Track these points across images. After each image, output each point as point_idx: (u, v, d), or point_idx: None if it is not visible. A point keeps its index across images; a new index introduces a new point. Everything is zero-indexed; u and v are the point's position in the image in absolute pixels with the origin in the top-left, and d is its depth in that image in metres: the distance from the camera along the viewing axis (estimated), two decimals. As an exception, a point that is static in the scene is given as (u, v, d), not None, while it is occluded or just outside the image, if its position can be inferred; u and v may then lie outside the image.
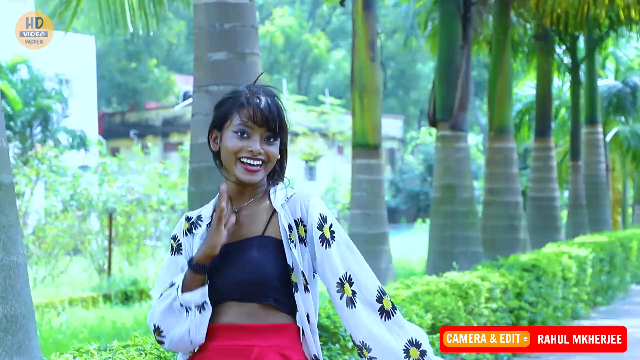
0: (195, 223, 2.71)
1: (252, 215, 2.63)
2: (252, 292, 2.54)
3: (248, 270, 2.55)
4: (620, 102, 24.60)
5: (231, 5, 6.91)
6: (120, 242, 15.43)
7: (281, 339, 2.55)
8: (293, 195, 2.63)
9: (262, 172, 2.61)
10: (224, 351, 2.54)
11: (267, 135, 2.61)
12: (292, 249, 2.56)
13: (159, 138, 41.23)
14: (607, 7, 14.91)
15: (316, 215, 2.58)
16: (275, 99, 2.66)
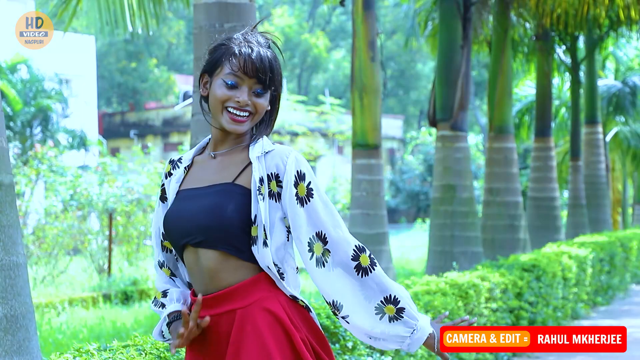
0: (175, 164, 2.71)
1: (228, 163, 2.62)
2: (212, 237, 2.51)
3: (209, 214, 2.52)
4: (620, 102, 24.60)
5: (231, 5, 6.91)
6: (120, 242, 15.42)
7: (257, 293, 2.51)
8: (273, 150, 2.59)
9: (248, 123, 2.59)
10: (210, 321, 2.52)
11: (257, 87, 2.59)
12: (259, 201, 2.51)
13: (159, 138, 41.23)
14: (607, 7, 14.91)
15: (293, 172, 2.55)
16: (268, 50, 2.63)
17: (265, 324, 2.49)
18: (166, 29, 46.42)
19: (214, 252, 2.52)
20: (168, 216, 2.62)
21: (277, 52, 2.69)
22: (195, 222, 2.53)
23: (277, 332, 2.49)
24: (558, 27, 16.50)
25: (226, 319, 2.52)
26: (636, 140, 27.15)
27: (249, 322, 2.50)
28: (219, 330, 2.53)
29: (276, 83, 2.63)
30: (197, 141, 6.94)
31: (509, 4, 13.77)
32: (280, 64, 2.65)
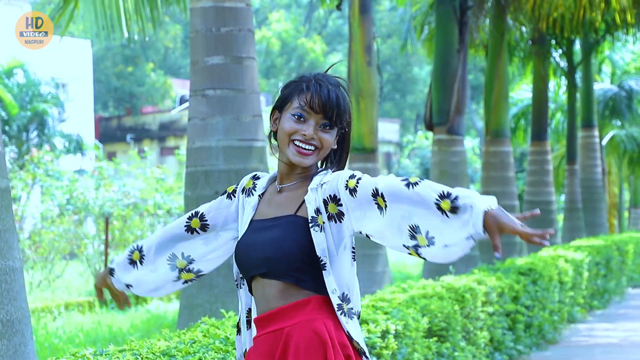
0: (250, 191, 2.83)
1: (291, 196, 2.73)
2: (274, 268, 2.64)
3: (271, 247, 2.65)
4: (617, 106, 24.64)
5: (228, 9, 6.91)
6: (116, 246, 15.40)
7: (306, 314, 2.63)
8: (330, 179, 2.68)
9: (313, 157, 2.69)
10: (261, 341, 2.68)
11: (323, 122, 2.68)
12: (317, 232, 2.62)
13: (156, 142, 41.20)
14: (603, 11, 14.92)
15: (343, 181, 2.65)
16: (338, 89, 2.72)
17: (308, 343, 2.60)
18: (163, 33, 46.42)
19: (277, 282, 2.66)
20: (239, 247, 2.76)
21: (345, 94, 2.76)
22: (260, 255, 2.68)
23: (317, 353, 2.59)
24: (554, 31, 16.52)
25: (274, 336, 2.65)
26: (632, 144, 27.18)
27: (293, 340, 2.61)
28: (267, 347, 2.66)
29: (344, 122, 2.72)
30: (193, 145, 6.95)
31: (505, 7, 13.79)
32: (349, 105, 2.73)
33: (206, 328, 3.96)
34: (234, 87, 6.90)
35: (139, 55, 45.75)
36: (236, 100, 6.88)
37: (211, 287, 6.72)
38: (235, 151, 6.84)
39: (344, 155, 2.78)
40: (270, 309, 2.66)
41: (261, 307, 2.70)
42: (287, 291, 2.65)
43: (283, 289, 2.65)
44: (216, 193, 6.79)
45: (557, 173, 24.83)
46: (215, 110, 6.86)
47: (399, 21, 21.46)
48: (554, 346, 9.52)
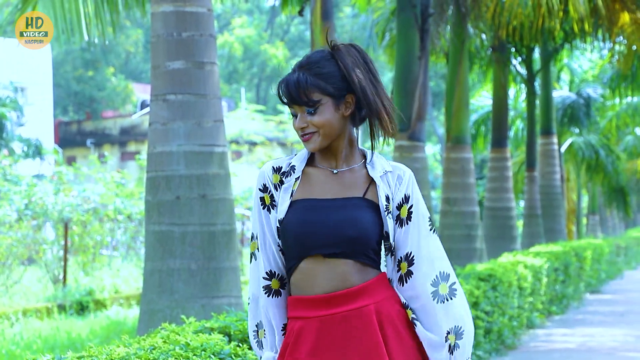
0: (287, 172, 2.76)
1: (352, 178, 2.73)
2: (352, 248, 2.64)
3: (352, 227, 2.65)
4: (575, 113, 24.95)
5: (189, 14, 6.89)
6: (76, 251, 15.25)
7: (384, 291, 2.69)
8: (390, 171, 2.74)
9: (316, 139, 2.69)
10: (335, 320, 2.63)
11: (306, 108, 2.68)
12: (388, 218, 2.69)
13: (116, 147, 40.91)
14: (562, 20, 15.13)
15: (401, 195, 2.72)
16: (302, 70, 2.68)
17: (401, 317, 2.67)
18: (124, 38, 46.12)
19: (351, 262, 2.65)
20: (291, 226, 2.67)
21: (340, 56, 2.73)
22: (338, 233, 2.64)
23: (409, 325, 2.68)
24: (514, 39, 16.70)
25: (358, 314, 2.63)
26: (590, 151, 27.53)
27: (385, 315, 2.65)
28: (351, 325, 2.63)
29: (329, 91, 2.67)
30: (154, 150, 6.91)
31: (466, 15, 13.90)
32: (334, 70, 2.69)
33: (166, 334, 3.93)
34: (196, 92, 6.88)
35: (99, 60, 45.40)
36: (197, 106, 6.86)
37: (172, 293, 6.69)
38: (197, 156, 6.82)
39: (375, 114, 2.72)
40: (347, 287, 2.63)
41: (326, 286, 2.64)
42: (362, 271, 2.66)
43: (359, 269, 2.65)
44: (177, 198, 6.76)
45: (516, 179, 25.06)
46: (177, 115, 6.83)
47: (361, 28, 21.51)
48: (513, 352, 9.60)
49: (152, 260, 6.82)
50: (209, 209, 6.79)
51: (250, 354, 3.92)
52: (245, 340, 4.24)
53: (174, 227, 6.74)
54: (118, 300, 13.56)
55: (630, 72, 19.57)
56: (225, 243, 6.85)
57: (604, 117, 29.13)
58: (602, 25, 15.21)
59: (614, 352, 9.50)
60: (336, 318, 2.63)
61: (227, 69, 50.46)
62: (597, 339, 10.48)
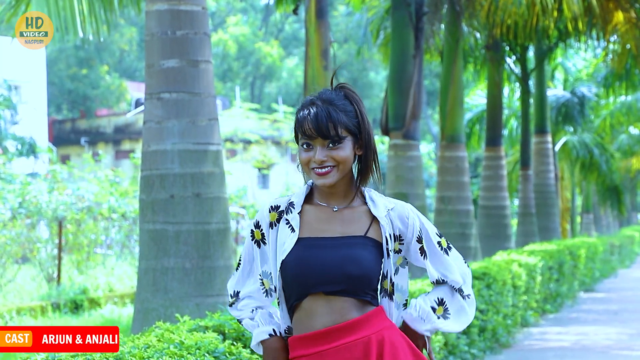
0: (287, 209, 2.80)
1: (353, 216, 2.77)
2: (354, 286, 2.69)
3: (354, 265, 2.69)
4: (569, 112, 24.97)
5: (183, 12, 6.88)
6: (70, 250, 15.23)
7: (382, 322, 2.74)
8: (393, 208, 2.79)
9: (333, 174, 2.73)
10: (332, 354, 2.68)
11: (327, 142, 2.72)
12: (388, 257, 2.75)
13: (110, 145, 40.85)
14: (556, 19, 15.14)
15: (416, 231, 2.81)
16: (329, 105, 2.74)
17: (403, 344, 2.74)
18: (118, 36, 46.05)
19: (351, 299, 2.71)
20: (293, 264, 2.72)
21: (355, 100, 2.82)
22: (338, 272, 2.69)
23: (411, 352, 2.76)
24: (508, 37, 16.71)
25: (360, 344, 2.67)
26: (584, 150, 27.57)
27: (387, 343, 2.70)
28: (352, 355, 2.68)
29: (350, 130, 2.74)
30: (148, 149, 6.90)
31: (460, 14, 13.90)
32: (355, 110, 2.77)
33: (160, 333, 3.93)
34: (190, 91, 6.87)
35: (93, 58, 45.33)
36: (192, 104, 6.85)
37: (166, 292, 6.68)
38: (191, 155, 6.81)
39: (369, 160, 2.79)
40: (345, 321, 2.69)
41: (326, 321, 2.70)
42: (362, 307, 2.72)
43: (358, 305, 2.72)
44: (171, 197, 6.75)
45: (510, 178, 25.08)
46: (171, 113, 6.82)
47: (355, 26, 21.54)
48: (508, 350, 9.61)
49: (146, 259, 6.81)
50: (203, 207, 6.78)
51: (244, 352, 3.92)
52: (240, 339, 4.24)
53: (168, 225, 6.73)
54: (112, 299, 13.54)
55: (624, 71, 19.60)
56: (220, 242, 6.84)
57: (598, 115, 29.17)
58: (596, 24, 15.23)
59: (608, 350, 9.52)
60: (337, 350, 2.68)
61: (222, 68, 50.43)
62: (591, 338, 10.50)
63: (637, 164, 36.77)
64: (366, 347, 2.67)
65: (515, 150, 26.94)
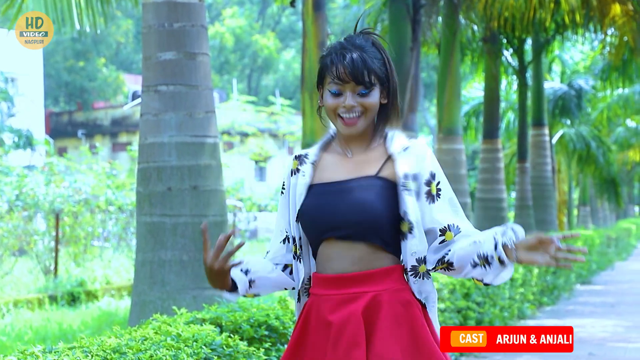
0: (302, 160, 2.80)
1: (365, 159, 2.74)
2: (361, 231, 2.65)
3: (359, 210, 2.65)
4: (566, 105, 24.99)
5: (180, 4, 6.87)
6: (67, 242, 15.22)
7: (391, 282, 2.66)
8: (409, 147, 2.72)
9: (361, 122, 2.71)
10: (339, 299, 2.66)
11: (359, 89, 2.69)
12: (407, 196, 2.66)
13: (108, 138, 40.82)
14: (553, 11, 15.13)
15: (427, 171, 2.71)
16: (363, 49, 2.72)
17: (399, 311, 2.64)
18: (115, 28, 45.97)
19: (362, 244, 2.66)
20: (306, 211, 2.71)
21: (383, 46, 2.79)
22: (344, 217, 2.65)
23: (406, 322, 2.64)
24: (505, 30, 16.70)
25: (355, 297, 2.65)
26: (581, 143, 27.59)
27: (384, 306, 2.64)
28: (348, 307, 2.65)
29: (380, 78, 2.72)
30: (145, 141, 6.89)
31: (458, 6, 13.89)
32: (381, 59, 2.74)
33: (158, 325, 3.93)
34: (187, 83, 6.86)
35: (90, 50, 45.25)
36: (189, 96, 6.85)
37: (163, 284, 6.69)
38: (188, 147, 6.81)
39: (396, 105, 2.78)
40: (353, 271, 2.65)
41: (339, 267, 2.67)
42: (375, 254, 2.66)
43: (370, 251, 2.66)
44: (168, 189, 6.75)
45: (508, 171, 25.11)
46: (168, 106, 6.81)
47: (353, 19, 21.48)
48: (504, 342, 9.61)
49: (143, 252, 6.82)
50: (200, 200, 6.79)
51: (241, 345, 3.93)
52: (237, 331, 4.25)
53: (165, 218, 6.73)
54: (109, 292, 13.55)
55: (622, 64, 19.60)
56: (217, 234, 6.77)
57: (595, 108, 29.19)
58: (594, 16, 15.23)
59: (604, 342, 9.54)
60: (333, 298, 2.67)
61: (219, 60, 50.37)
62: (587, 330, 10.53)
63: (634, 157, 36.83)
64: (357, 302, 2.64)
65: (512, 143, 26.96)
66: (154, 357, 3.45)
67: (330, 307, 2.67)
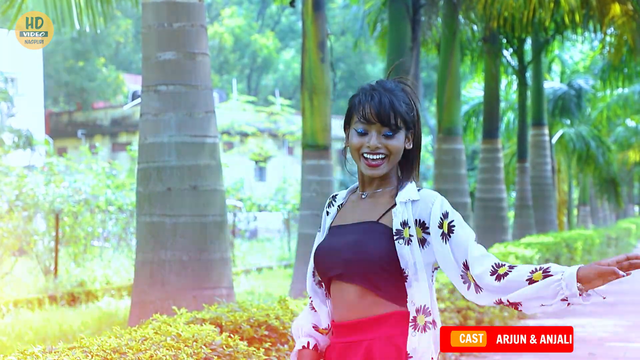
0: (330, 202, 2.90)
1: (375, 203, 2.79)
2: (351, 270, 2.69)
3: (351, 250, 2.71)
4: (566, 105, 24.99)
5: (180, 4, 6.87)
6: (67, 242, 15.22)
7: (388, 328, 2.68)
8: (419, 200, 2.74)
9: (384, 166, 2.75)
10: (339, 349, 2.74)
11: (384, 130, 2.73)
12: (401, 244, 2.68)
13: (107, 138, 40.81)
14: (553, 11, 15.13)
15: (438, 215, 2.72)
16: (393, 92, 2.77)
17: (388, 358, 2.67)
18: (114, 28, 45.95)
19: (353, 286, 2.71)
20: (318, 250, 2.82)
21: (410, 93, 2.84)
22: (338, 256, 2.73)
23: None
24: (505, 30, 16.70)
25: (352, 347, 2.72)
26: (581, 143, 27.59)
27: (375, 355, 2.67)
28: (347, 357, 2.72)
29: (407, 122, 2.77)
30: (145, 141, 6.89)
31: (457, 6, 13.89)
32: (409, 105, 2.79)
33: (158, 325, 3.93)
34: (187, 83, 6.86)
35: (89, 50, 45.22)
36: (189, 96, 6.85)
37: (163, 284, 6.68)
38: (188, 147, 6.81)
39: (416, 156, 2.83)
40: (351, 319, 2.71)
41: (340, 313, 2.75)
42: (366, 299, 2.70)
43: (361, 295, 2.70)
44: (168, 189, 6.75)
45: (507, 171, 25.11)
46: (168, 106, 6.81)
47: (352, 18, 21.48)
48: (504, 342, 9.61)
49: (143, 252, 6.81)
50: (200, 200, 6.78)
51: (241, 345, 3.93)
52: (237, 331, 4.25)
53: (165, 218, 6.73)
54: (109, 292, 13.55)
55: (621, 64, 19.60)
56: (217, 234, 6.84)
57: (595, 108, 29.19)
58: (593, 16, 15.23)
59: (603, 342, 9.54)
60: (338, 347, 2.76)
61: (218, 60, 50.36)
62: (587, 329, 10.53)
63: (633, 157, 36.83)
64: (354, 352, 2.70)
65: (512, 142, 26.96)
66: (154, 357, 3.45)
67: (336, 357, 2.76)
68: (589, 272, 2.59)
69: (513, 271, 2.65)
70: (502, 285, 2.65)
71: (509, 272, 2.65)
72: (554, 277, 2.61)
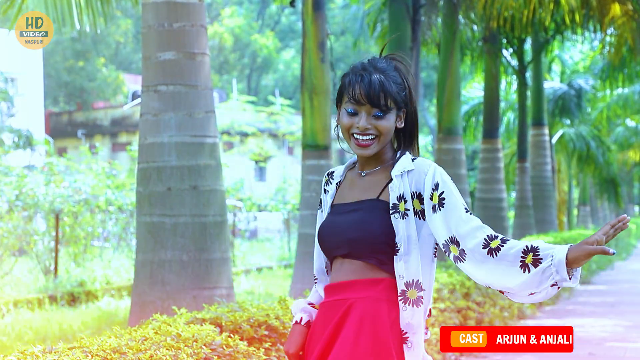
0: (328, 180, 2.94)
1: (374, 181, 2.81)
2: (358, 249, 2.73)
3: (355, 229, 2.74)
4: (566, 105, 24.99)
5: (180, 4, 6.87)
6: (67, 242, 15.21)
7: (373, 291, 2.72)
8: (413, 169, 2.75)
9: (374, 146, 2.76)
10: (326, 306, 2.80)
11: (374, 111, 2.74)
12: (397, 218, 2.71)
13: (107, 138, 40.80)
14: (553, 11, 15.13)
15: (430, 186, 2.72)
16: (385, 72, 2.77)
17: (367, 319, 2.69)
18: (114, 28, 45.96)
19: (359, 262, 2.76)
20: (322, 229, 2.86)
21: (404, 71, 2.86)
22: (344, 236, 2.77)
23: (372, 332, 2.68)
24: (505, 30, 16.70)
25: (338, 304, 2.76)
26: (581, 143, 27.59)
27: (356, 312, 2.70)
28: (329, 313, 2.77)
29: (397, 102, 2.77)
30: (145, 141, 6.89)
31: (457, 6, 13.89)
32: (401, 84, 2.79)
33: (158, 325, 3.93)
34: (187, 83, 6.86)
35: (89, 50, 45.23)
36: (189, 96, 6.85)
37: (163, 284, 6.68)
38: (188, 147, 6.81)
39: (413, 133, 2.84)
40: (341, 280, 2.76)
41: (337, 277, 2.79)
42: (372, 271, 2.73)
43: (365, 269, 2.73)
44: (168, 189, 6.75)
45: (507, 171, 25.11)
46: (168, 106, 6.81)
47: (352, 18, 21.48)
48: (504, 342, 9.60)
49: (143, 252, 6.82)
50: (200, 200, 6.79)
51: (241, 345, 3.93)
52: (237, 331, 4.25)
53: (165, 218, 6.74)
54: (109, 292, 13.55)
55: (621, 63, 19.60)
56: (217, 234, 6.84)
57: (595, 108, 29.19)
58: (593, 16, 15.23)
59: (603, 342, 9.54)
60: (325, 305, 2.82)
61: (218, 60, 50.36)
62: (587, 330, 10.53)
63: (633, 157, 36.83)
64: (338, 308, 2.74)
65: (512, 142, 26.96)
66: (154, 357, 3.45)
67: (323, 313, 2.81)
68: (578, 255, 2.57)
69: (505, 247, 2.64)
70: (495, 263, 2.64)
71: (501, 246, 2.64)
72: (544, 263, 2.59)
